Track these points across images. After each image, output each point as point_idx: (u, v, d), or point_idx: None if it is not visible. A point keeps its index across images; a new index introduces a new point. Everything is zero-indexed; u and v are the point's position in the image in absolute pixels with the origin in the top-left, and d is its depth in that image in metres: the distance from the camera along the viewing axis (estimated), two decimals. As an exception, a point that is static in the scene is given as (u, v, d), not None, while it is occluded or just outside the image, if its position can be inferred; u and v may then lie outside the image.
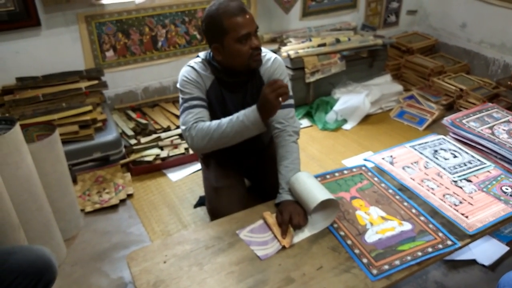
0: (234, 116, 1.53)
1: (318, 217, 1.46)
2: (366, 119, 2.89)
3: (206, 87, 1.64)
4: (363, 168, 1.76)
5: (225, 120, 1.55)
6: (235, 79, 1.64)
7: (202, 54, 1.68)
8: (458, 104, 2.93)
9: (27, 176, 1.57)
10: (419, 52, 3.49)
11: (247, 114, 1.51)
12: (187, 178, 2.34)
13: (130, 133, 2.51)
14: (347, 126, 2.81)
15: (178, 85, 1.65)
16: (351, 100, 2.81)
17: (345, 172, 1.74)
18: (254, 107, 1.51)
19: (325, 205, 1.44)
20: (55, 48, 2.47)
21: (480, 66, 3.37)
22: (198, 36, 2.87)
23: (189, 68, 1.64)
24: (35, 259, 1.16)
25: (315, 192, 1.42)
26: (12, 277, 1.10)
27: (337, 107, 2.81)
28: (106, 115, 2.42)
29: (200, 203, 2.14)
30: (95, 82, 2.45)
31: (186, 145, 2.52)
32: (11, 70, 2.39)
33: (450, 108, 3.01)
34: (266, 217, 1.47)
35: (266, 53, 1.70)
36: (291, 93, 1.70)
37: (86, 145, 2.25)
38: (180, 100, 1.64)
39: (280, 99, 1.44)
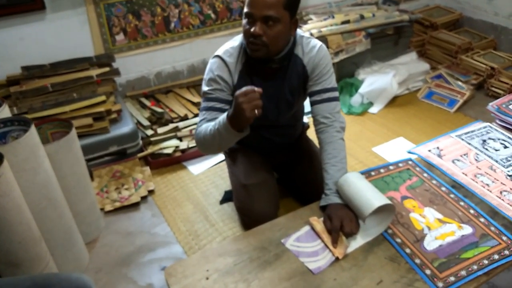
0: (216, 122, 1.36)
1: (371, 223, 1.33)
2: (393, 101, 2.72)
3: (233, 82, 1.49)
4: (410, 162, 1.62)
5: (209, 125, 1.39)
6: (265, 65, 1.48)
7: (239, 37, 1.51)
8: (489, 84, 2.76)
9: (46, 182, 1.43)
10: (443, 27, 3.30)
11: (220, 123, 1.33)
12: (209, 171, 2.20)
13: (146, 123, 2.35)
14: (373, 110, 2.65)
15: (204, 78, 1.50)
16: (377, 82, 2.65)
17: (391, 167, 1.59)
18: (225, 116, 1.31)
19: (379, 209, 1.30)
20: (62, 33, 2.29)
21: (508, 41, 3.18)
22: (213, 16, 2.67)
23: (216, 59, 1.49)
24: None
25: (369, 196, 1.28)
26: None
27: (362, 89, 2.65)
28: (121, 105, 2.25)
29: (226, 198, 2.01)
30: (107, 69, 2.27)
31: (206, 135, 2.36)
32: (15, 58, 2.21)
33: (480, 87, 2.84)
34: (313, 223, 1.34)
35: (310, 39, 1.53)
36: (335, 85, 1.55)
37: (101, 138, 2.10)
38: (202, 95, 1.50)
39: (256, 111, 1.23)
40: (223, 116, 1.32)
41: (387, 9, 2.96)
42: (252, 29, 1.35)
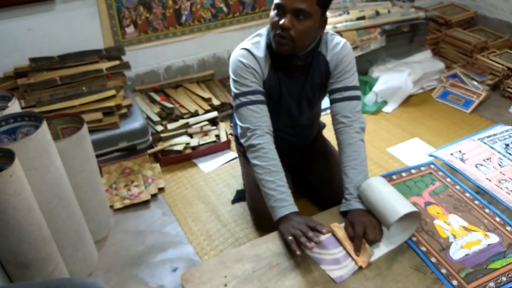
0: (280, 189, 1.35)
1: (395, 230, 1.28)
2: (407, 100, 2.66)
3: (264, 76, 1.42)
4: (432, 166, 1.57)
5: (274, 178, 1.37)
6: (290, 62, 1.42)
7: (264, 30, 1.45)
8: (506, 85, 2.69)
9: (57, 180, 1.38)
10: (457, 26, 3.22)
11: (280, 203, 1.33)
12: (220, 169, 2.15)
13: (156, 118, 2.29)
14: (387, 109, 2.59)
15: (230, 72, 1.43)
16: (392, 80, 2.58)
17: (413, 171, 1.55)
18: (290, 211, 1.30)
19: (404, 216, 1.25)
20: (71, 24, 2.22)
21: (525, 41, 3.12)
22: (225, 9, 2.60)
23: (244, 51, 1.41)
24: None
25: (394, 202, 1.23)
26: None
27: (377, 87, 2.58)
28: (131, 100, 2.19)
29: (238, 198, 1.95)
30: (117, 62, 2.21)
31: (216, 132, 2.31)
32: (23, 49, 2.15)
33: (495, 88, 2.78)
34: (334, 230, 1.29)
35: (334, 36, 1.47)
36: (357, 83, 1.50)
37: (111, 134, 2.04)
38: (234, 90, 1.42)
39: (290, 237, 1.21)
40: (284, 206, 1.31)
41: (402, 6, 2.89)
42: (281, 21, 1.29)
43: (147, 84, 2.57)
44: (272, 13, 1.34)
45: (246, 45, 1.42)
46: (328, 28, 2.52)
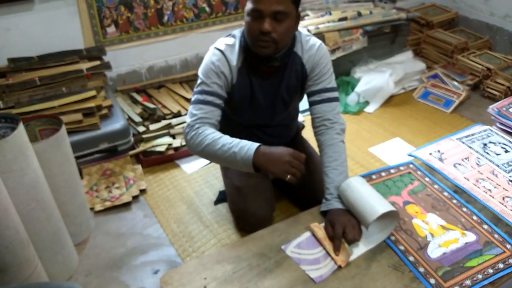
0: (233, 143, 1.30)
1: (374, 229, 1.30)
2: (389, 100, 2.69)
3: (233, 80, 1.42)
4: (411, 165, 1.59)
5: (223, 140, 1.31)
6: (265, 63, 1.42)
7: (238, 32, 1.45)
8: (485, 85, 2.74)
9: (34, 183, 1.36)
10: (438, 26, 3.27)
11: (243, 154, 1.27)
12: (203, 170, 2.14)
13: (138, 119, 2.27)
14: (369, 109, 2.61)
15: (199, 70, 1.42)
16: (374, 80, 2.61)
17: (392, 171, 1.56)
18: (255, 147, 1.28)
19: (383, 215, 1.26)
20: (50, 24, 2.19)
21: (503, 42, 3.17)
22: (208, 9, 2.60)
23: (217, 52, 1.41)
24: None
25: (373, 202, 1.25)
26: None
27: (359, 88, 2.61)
28: (112, 101, 2.17)
29: (220, 199, 1.95)
30: (97, 62, 2.19)
31: (199, 133, 2.30)
32: (1, 49, 2.11)
33: (476, 88, 2.82)
34: (314, 230, 1.29)
35: (310, 37, 1.48)
36: (335, 85, 1.50)
37: (91, 135, 2.02)
38: (197, 87, 1.41)
39: (289, 176, 1.26)
40: (247, 148, 1.27)
41: (384, 7, 2.92)
42: (261, 26, 1.29)
43: (129, 85, 2.55)
44: (247, 18, 1.33)
45: (220, 46, 1.42)
46: (311, 28, 2.53)
